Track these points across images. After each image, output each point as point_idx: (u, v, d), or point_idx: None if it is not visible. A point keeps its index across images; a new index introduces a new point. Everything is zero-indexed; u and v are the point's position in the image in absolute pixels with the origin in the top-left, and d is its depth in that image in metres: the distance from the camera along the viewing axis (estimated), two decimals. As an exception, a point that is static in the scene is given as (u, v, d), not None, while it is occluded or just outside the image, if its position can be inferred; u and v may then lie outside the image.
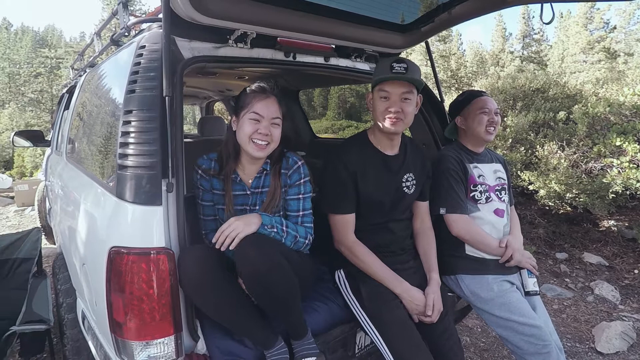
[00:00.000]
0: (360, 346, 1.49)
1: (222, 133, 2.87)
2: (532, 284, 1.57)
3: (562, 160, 3.59)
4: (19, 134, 3.70)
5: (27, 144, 3.72)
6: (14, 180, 9.26)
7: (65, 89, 3.34)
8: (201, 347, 1.18)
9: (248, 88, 1.34)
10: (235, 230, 1.12)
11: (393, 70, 1.32)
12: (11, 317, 1.66)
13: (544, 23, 1.33)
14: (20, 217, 6.33)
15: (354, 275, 1.44)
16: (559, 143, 3.77)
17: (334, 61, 1.77)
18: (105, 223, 1.14)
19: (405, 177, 1.50)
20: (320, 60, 1.72)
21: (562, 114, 4.03)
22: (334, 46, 1.71)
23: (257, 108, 1.26)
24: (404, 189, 1.50)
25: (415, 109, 1.41)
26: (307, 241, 1.33)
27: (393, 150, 1.50)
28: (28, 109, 26.70)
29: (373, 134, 1.50)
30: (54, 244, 2.36)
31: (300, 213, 1.36)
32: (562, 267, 3.52)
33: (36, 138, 3.76)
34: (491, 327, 1.55)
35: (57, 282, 1.86)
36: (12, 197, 7.66)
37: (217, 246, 1.13)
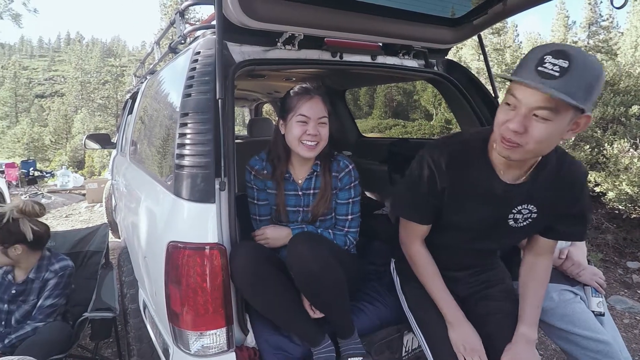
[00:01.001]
0: (407, 349, 1.46)
1: (270, 134, 2.93)
2: (596, 304, 1.37)
3: (636, 160, 3.26)
4: (90, 137, 4.07)
5: (96, 146, 4.08)
6: (85, 179, 10.20)
7: (129, 95, 3.61)
8: (250, 340, 1.22)
9: (292, 90, 1.36)
10: (265, 241, 1.19)
11: (538, 68, 0.82)
12: (84, 303, 1.83)
13: (614, 8, 1.20)
14: (90, 212, 6.95)
15: (403, 273, 1.38)
16: (632, 141, 3.43)
17: (381, 59, 1.75)
18: (163, 219, 1.22)
19: (519, 208, 1.07)
20: (367, 59, 1.71)
21: (635, 109, 3.67)
22: (381, 44, 1.69)
23: (303, 110, 1.28)
24: (510, 221, 1.09)
25: (556, 134, 0.86)
26: (346, 247, 1.33)
27: (516, 179, 1.03)
28: (97, 113, 29.27)
29: (494, 148, 0.99)
30: (119, 238, 2.57)
31: (349, 217, 1.36)
32: (635, 277, 3.19)
33: (104, 141, 4.10)
34: (551, 339, 1.44)
35: (121, 274, 2.01)
36: (84, 195, 8.44)
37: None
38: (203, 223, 1.08)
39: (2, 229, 1.61)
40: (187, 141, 1.13)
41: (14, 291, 1.68)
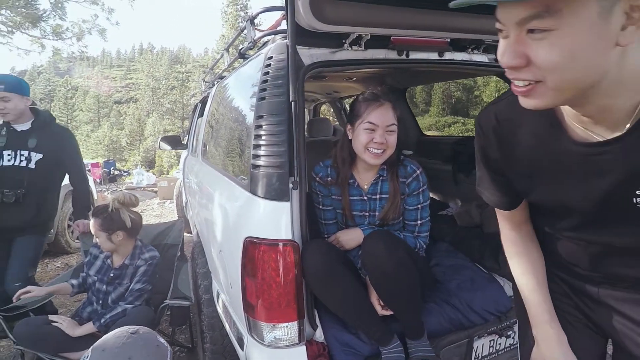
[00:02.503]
0: (477, 356, 1.40)
1: (329, 134, 2.98)
2: None
3: None
4: (163, 139, 4.41)
5: (167, 147, 4.41)
6: (157, 178, 11.09)
7: (199, 100, 3.86)
8: (319, 335, 1.25)
9: (361, 96, 1.37)
10: (339, 245, 1.18)
11: None
12: (163, 292, 2.00)
13: None
14: (161, 208, 7.55)
15: None
16: None
17: (448, 55, 1.69)
18: (239, 216, 1.29)
19: None
20: (434, 55, 1.66)
21: None
22: (449, 40, 1.64)
23: (372, 117, 1.28)
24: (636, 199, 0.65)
25: (584, 45, 0.50)
26: (416, 249, 1.32)
27: (610, 129, 0.60)
28: (165, 117, 31.64)
29: None
30: (190, 233, 2.77)
31: (418, 222, 1.35)
32: None
33: (175, 142, 4.43)
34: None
35: (195, 266, 2.17)
36: (156, 192, 9.18)
37: None
38: (277, 220, 1.14)
39: (106, 218, 1.85)
40: (263, 142, 1.19)
41: (112, 274, 1.90)
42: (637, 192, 0.62)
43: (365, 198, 1.38)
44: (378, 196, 1.38)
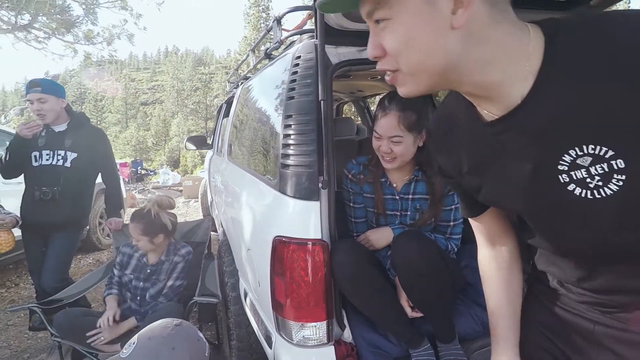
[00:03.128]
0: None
1: (352, 134, 2.96)
2: None
3: None
4: (189, 139, 4.51)
5: (193, 147, 4.51)
6: (182, 177, 11.36)
7: (224, 100, 3.92)
8: (347, 335, 1.25)
9: (381, 98, 1.36)
10: (369, 244, 1.16)
11: None
12: (191, 289, 2.04)
13: None
14: (186, 207, 7.72)
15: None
16: None
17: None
18: (268, 214, 1.30)
19: (572, 155, 0.51)
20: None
21: None
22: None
23: (377, 127, 1.28)
24: (564, 182, 0.53)
25: (415, 29, 0.51)
26: (447, 251, 1.29)
27: (504, 105, 0.55)
28: (189, 117, 32.34)
29: None
30: (215, 232, 2.81)
31: (451, 223, 1.33)
32: None
33: (200, 142, 4.52)
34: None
35: (222, 264, 2.20)
36: (181, 191, 9.40)
37: None
38: (307, 219, 1.14)
39: (148, 223, 1.90)
40: (292, 141, 1.19)
41: (148, 271, 1.96)
42: (560, 167, 0.52)
43: (397, 197, 1.37)
44: (411, 196, 1.36)
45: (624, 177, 0.49)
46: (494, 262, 0.80)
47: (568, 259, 0.65)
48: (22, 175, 2.22)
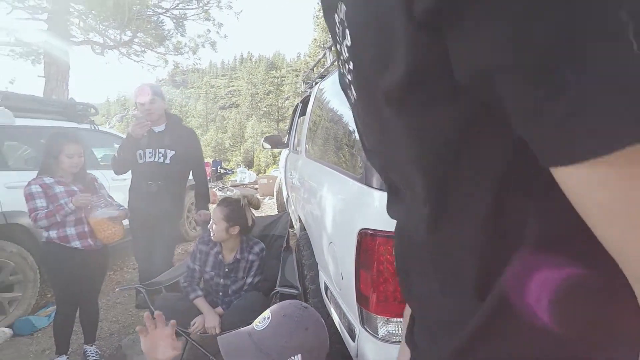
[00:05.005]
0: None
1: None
2: None
3: None
4: (266, 139, 4.73)
5: (269, 146, 4.71)
6: (257, 175, 11.98)
7: (300, 100, 4.05)
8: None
9: None
10: None
11: None
12: (271, 280, 2.13)
13: None
14: (262, 204, 8.12)
15: None
16: None
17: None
18: (352, 207, 1.31)
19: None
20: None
21: None
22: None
23: None
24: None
25: None
26: None
27: None
28: (262, 119, 33.99)
29: None
30: (292, 227, 2.91)
31: None
32: None
33: (276, 141, 4.71)
34: None
35: (301, 257, 2.27)
36: (256, 189, 9.91)
37: None
38: (394, 212, 1.12)
39: (233, 210, 2.01)
40: (378, 134, 1.18)
41: (226, 269, 2.09)
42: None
43: None
44: None
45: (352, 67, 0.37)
46: None
47: None
48: (128, 171, 2.52)
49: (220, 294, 2.09)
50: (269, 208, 7.38)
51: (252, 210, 2.18)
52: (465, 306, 0.36)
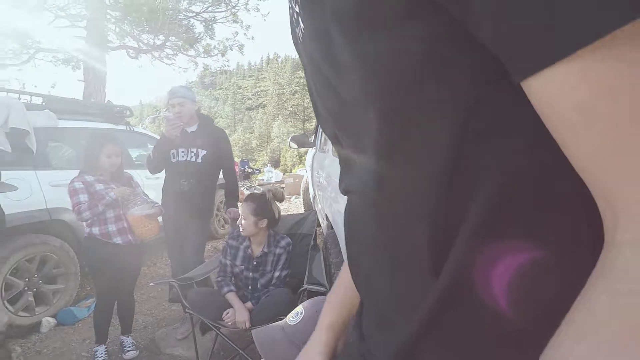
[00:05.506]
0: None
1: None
2: None
3: None
4: (293, 138, 4.77)
5: (295, 145, 4.75)
6: (284, 175, 12.11)
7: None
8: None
9: None
10: None
11: None
12: (300, 277, 2.16)
13: None
14: (288, 203, 8.20)
15: None
16: None
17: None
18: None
19: None
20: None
21: None
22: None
23: None
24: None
25: None
26: None
27: None
28: (288, 120, 34.31)
29: None
30: (319, 226, 2.93)
31: None
32: None
33: (303, 141, 4.75)
34: None
35: (328, 256, 2.28)
36: (283, 187, 10.02)
37: None
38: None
39: (260, 204, 2.07)
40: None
41: (255, 262, 2.13)
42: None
43: None
44: None
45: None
46: None
47: None
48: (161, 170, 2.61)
49: (250, 288, 2.13)
50: (295, 207, 7.45)
51: (278, 204, 2.22)
52: (417, 284, 0.32)
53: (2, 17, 7.43)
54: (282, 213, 2.35)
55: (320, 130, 3.94)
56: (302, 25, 0.36)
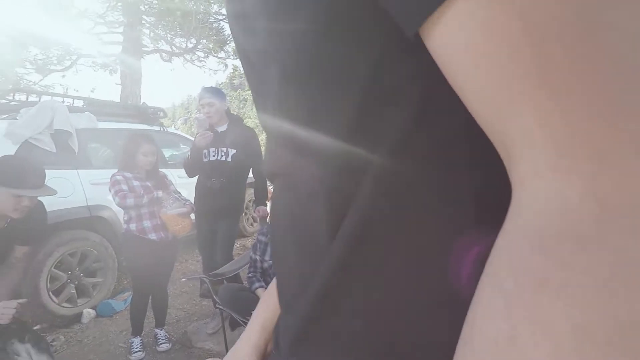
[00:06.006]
0: None
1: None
2: None
3: None
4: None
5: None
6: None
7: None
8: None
9: None
10: None
11: None
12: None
13: None
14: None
15: None
16: None
17: None
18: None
19: None
20: None
21: None
22: None
23: None
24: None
25: None
26: None
27: None
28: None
29: None
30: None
31: None
32: None
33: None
34: None
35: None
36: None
37: None
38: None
39: None
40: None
41: None
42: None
43: None
44: None
45: None
46: None
47: None
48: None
49: (270, 279, 2.16)
50: (322, 206, 7.46)
51: None
52: (316, 259, 0.30)
53: (47, 27, 7.91)
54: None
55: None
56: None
